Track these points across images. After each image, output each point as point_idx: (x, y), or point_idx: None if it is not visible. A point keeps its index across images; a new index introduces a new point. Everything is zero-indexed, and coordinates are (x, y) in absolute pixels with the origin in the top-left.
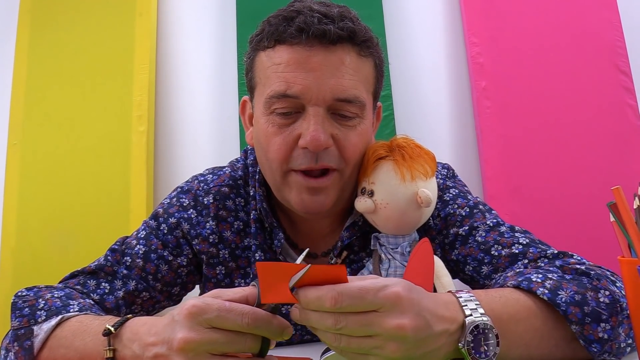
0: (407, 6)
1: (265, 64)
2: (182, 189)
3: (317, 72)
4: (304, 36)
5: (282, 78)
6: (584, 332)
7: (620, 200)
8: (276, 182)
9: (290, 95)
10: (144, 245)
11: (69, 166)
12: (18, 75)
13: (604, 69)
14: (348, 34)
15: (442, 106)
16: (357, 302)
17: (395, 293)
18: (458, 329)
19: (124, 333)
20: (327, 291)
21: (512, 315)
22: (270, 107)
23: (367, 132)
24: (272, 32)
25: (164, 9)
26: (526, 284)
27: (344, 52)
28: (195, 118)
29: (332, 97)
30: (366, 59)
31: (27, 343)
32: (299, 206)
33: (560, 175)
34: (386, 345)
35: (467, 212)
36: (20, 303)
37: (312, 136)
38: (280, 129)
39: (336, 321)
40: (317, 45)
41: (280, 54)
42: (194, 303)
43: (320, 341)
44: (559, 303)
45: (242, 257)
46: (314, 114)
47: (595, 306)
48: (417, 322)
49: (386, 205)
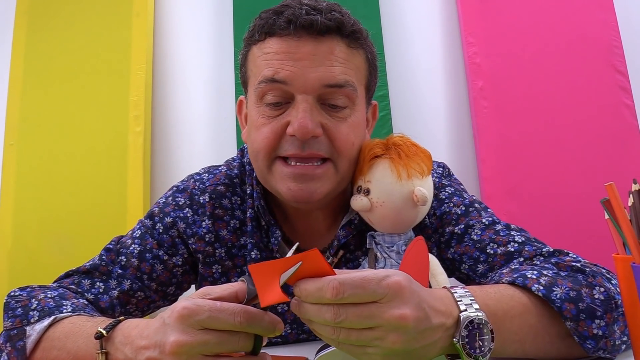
0: (403, 6)
1: (256, 55)
2: (177, 188)
3: (306, 61)
4: (292, 27)
5: (271, 65)
6: (579, 329)
7: (613, 196)
8: (263, 173)
9: (278, 80)
10: (139, 245)
11: (66, 166)
12: (15, 76)
13: (601, 69)
14: (336, 25)
15: (439, 106)
16: (359, 292)
17: (397, 282)
18: (453, 324)
19: (116, 336)
20: (327, 282)
21: (506, 311)
22: (261, 96)
23: (359, 125)
24: (263, 26)
25: (160, 10)
26: (521, 280)
27: (332, 43)
28: (192, 118)
29: (321, 84)
30: (356, 50)
31: (19, 344)
32: (288, 195)
33: (557, 174)
34: (387, 336)
35: (463, 211)
36: (13, 303)
37: (300, 123)
38: (269, 119)
39: (336, 314)
40: (306, 36)
41: (270, 44)
42: (184, 305)
43: (315, 340)
44: (553, 299)
45: (239, 255)
46: (302, 102)
47: (590, 303)
48: (418, 313)
49: (382, 203)
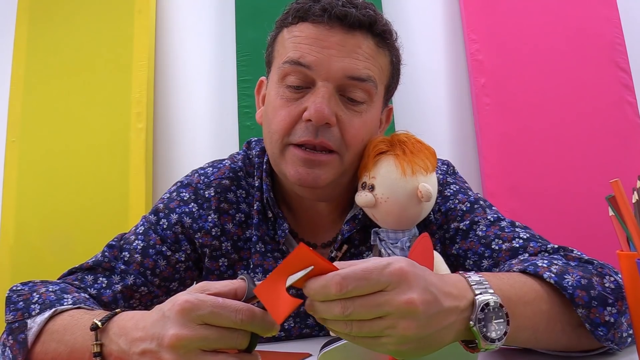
0: (406, 3)
1: (286, 37)
2: (182, 183)
3: (333, 50)
4: (327, 16)
5: (298, 48)
6: (590, 316)
7: (619, 193)
8: (275, 155)
9: (302, 64)
10: (142, 241)
11: (68, 163)
12: (16, 72)
13: (603, 66)
14: (369, 22)
15: (441, 103)
16: (363, 284)
17: (399, 269)
18: (468, 306)
19: (111, 328)
20: (330, 277)
21: (520, 296)
22: (283, 77)
23: (372, 122)
24: (298, 10)
25: (162, 6)
26: (532, 269)
27: (362, 38)
28: (194, 115)
29: (344, 74)
30: (383, 50)
31: (21, 336)
32: (295, 178)
33: (560, 172)
34: (398, 323)
35: (468, 207)
36: (14, 297)
37: (317, 108)
38: (287, 102)
39: (344, 308)
40: (338, 26)
41: (301, 28)
42: (186, 299)
43: (319, 336)
44: (565, 286)
45: (245, 248)
46: (322, 88)
47: (602, 290)
48: (426, 296)
49: (386, 199)
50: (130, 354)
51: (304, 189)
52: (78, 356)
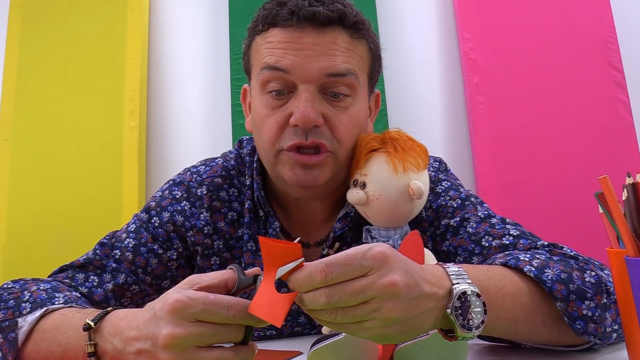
0: (400, 1)
1: (259, 44)
2: (174, 182)
3: (308, 51)
4: (295, 18)
5: (273, 53)
6: (568, 309)
7: (607, 189)
8: (270, 162)
9: (280, 69)
10: (134, 239)
11: (61, 162)
12: (9, 71)
13: (596, 65)
14: (338, 16)
15: (435, 102)
16: (347, 269)
17: (381, 252)
18: (446, 294)
19: (104, 327)
20: (315, 266)
21: (499, 288)
22: (264, 84)
23: (360, 114)
24: (266, 16)
25: (155, 4)
26: (513, 262)
27: (335, 34)
28: (187, 113)
29: (323, 73)
30: (359, 41)
31: (11, 335)
32: (292, 180)
33: (553, 170)
34: (383, 305)
35: (459, 204)
36: (5, 295)
37: (302, 113)
38: (273, 110)
39: (328, 296)
40: (308, 27)
41: (273, 34)
42: (176, 298)
43: (309, 334)
44: (544, 280)
45: (237, 247)
46: (304, 92)
47: (581, 284)
48: (407, 279)
49: (378, 197)
50: (126, 353)
51: (301, 190)
52: (72, 355)
